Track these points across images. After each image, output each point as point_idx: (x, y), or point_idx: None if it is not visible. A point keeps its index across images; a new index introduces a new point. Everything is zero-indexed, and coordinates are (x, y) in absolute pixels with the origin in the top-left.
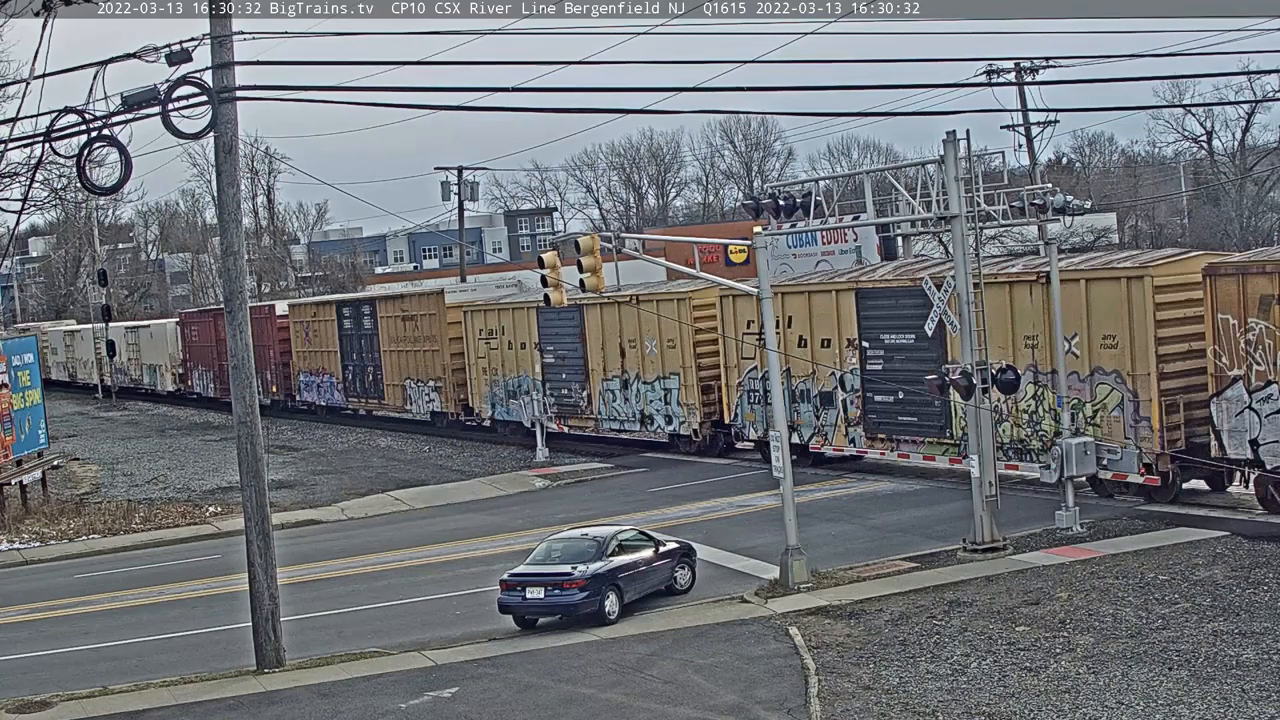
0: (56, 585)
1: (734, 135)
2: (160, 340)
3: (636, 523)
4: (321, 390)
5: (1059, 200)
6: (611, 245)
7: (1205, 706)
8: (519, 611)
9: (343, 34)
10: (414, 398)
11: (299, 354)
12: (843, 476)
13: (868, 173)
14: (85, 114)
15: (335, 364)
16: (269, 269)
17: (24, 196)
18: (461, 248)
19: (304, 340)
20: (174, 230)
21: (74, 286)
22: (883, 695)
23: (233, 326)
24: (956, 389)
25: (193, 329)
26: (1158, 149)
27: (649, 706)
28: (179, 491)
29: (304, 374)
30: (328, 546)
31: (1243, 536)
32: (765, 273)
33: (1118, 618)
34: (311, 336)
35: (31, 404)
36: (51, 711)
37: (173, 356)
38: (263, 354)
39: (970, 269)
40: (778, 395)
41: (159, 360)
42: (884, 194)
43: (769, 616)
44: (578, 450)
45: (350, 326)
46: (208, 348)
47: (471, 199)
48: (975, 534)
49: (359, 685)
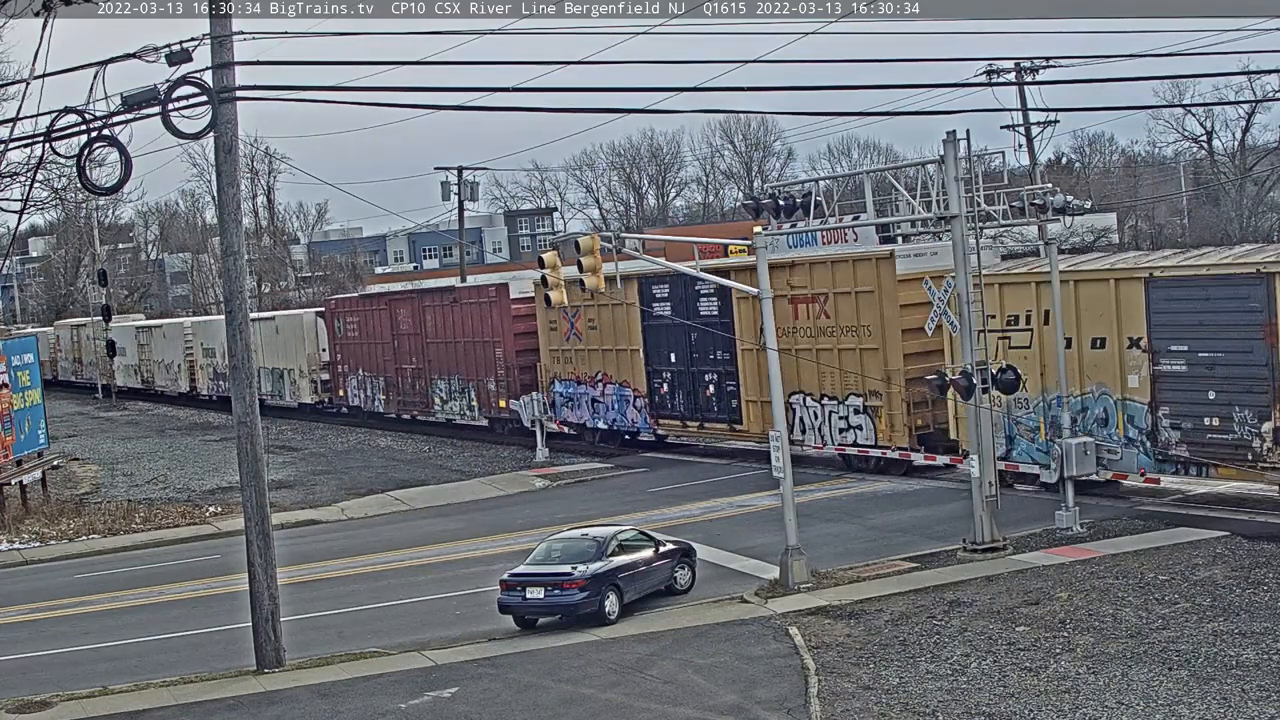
0: (56, 585)
1: (734, 135)
2: (292, 336)
3: (636, 523)
4: (606, 410)
5: (1059, 200)
6: (611, 245)
7: (1205, 706)
8: (519, 611)
9: (343, 34)
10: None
11: (553, 354)
12: (843, 476)
13: (868, 173)
14: (85, 114)
15: (637, 369)
16: (269, 269)
17: (24, 196)
18: (461, 248)
19: (566, 332)
20: (174, 230)
21: (74, 286)
22: (883, 695)
23: (232, 327)
24: (956, 389)
25: (348, 320)
26: (1158, 149)
27: (649, 706)
28: (179, 491)
29: (562, 383)
30: (328, 546)
31: (1243, 536)
32: (765, 273)
33: (1118, 618)
34: (582, 326)
35: (31, 404)
36: (51, 711)
37: (311, 358)
38: (481, 353)
39: (970, 269)
40: (777, 395)
41: (288, 362)
42: (884, 194)
43: (769, 616)
44: (579, 450)
45: (672, 309)
46: (377, 345)
47: (471, 199)
48: (975, 534)
49: (359, 685)
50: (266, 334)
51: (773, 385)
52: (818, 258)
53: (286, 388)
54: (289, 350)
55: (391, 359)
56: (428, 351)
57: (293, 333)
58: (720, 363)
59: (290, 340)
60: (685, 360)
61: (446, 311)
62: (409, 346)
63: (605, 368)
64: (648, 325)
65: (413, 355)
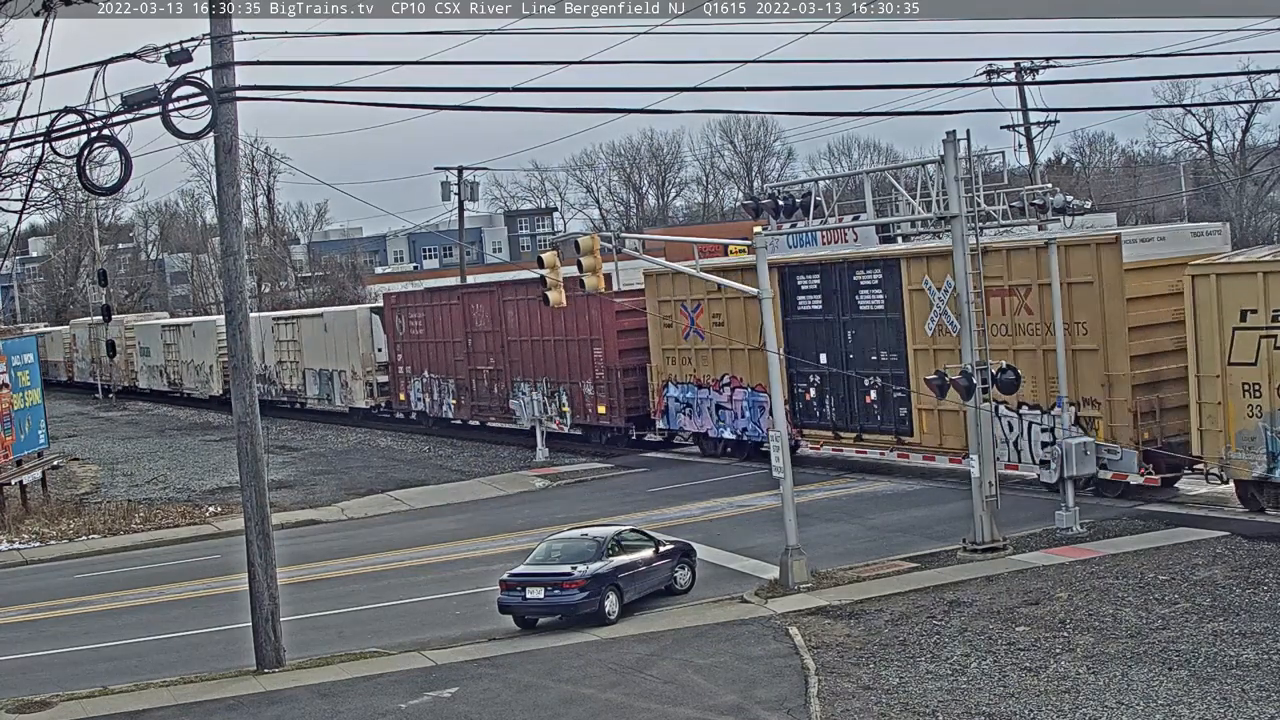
0: (56, 585)
1: (734, 135)
2: (344, 335)
3: (636, 523)
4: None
5: (1059, 200)
6: (611, 245)
7: (1205, 706)
8: (519, 611)
9: (343, 34)
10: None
11: (667, 354)
12: (842, 476)
13: (868, 173)
14: (85, 114)
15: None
16: (269, 269)
17: (24, 196)
18: (461, 248)
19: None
20: (174, 230)
21: (74, 286)
22: (883, 695)
23: (232, 327)
24: (956, 389)
25: (411, 317)
26: (1158, 149)
27: (649, 706)
28: (179, 491)
29: (678, 386)
30: (328, 546)
31: (1243, 536)
32: (765, 273)
33: (1118, 618)
34: (705, 322)
35: (31, 404)
36: (51, 711)
37: (366, 358)
38: (576, 353)
39: (970, 269)
40: (777, 394)
41: (339, 363)
42: (884, 194)
43: (769, 616)
44: (579, 450)
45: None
46: (446, 344)
47: (471, 199)
48: (975, 534)
49: (359, 685)
50: (312, 332)
51: (773, 385)
52: (1017, 242)
53: (336, 391)
54: (340, 350)
55: (464, 360)
56: (509, 351)
57: (344, 331)
58: (885, 364)
59: (341, 339)
60: (839, 360)
61: (533, 306)
62: (486, 345)
63: (735, 370)
64: (790, 320)
65: (490, 355)
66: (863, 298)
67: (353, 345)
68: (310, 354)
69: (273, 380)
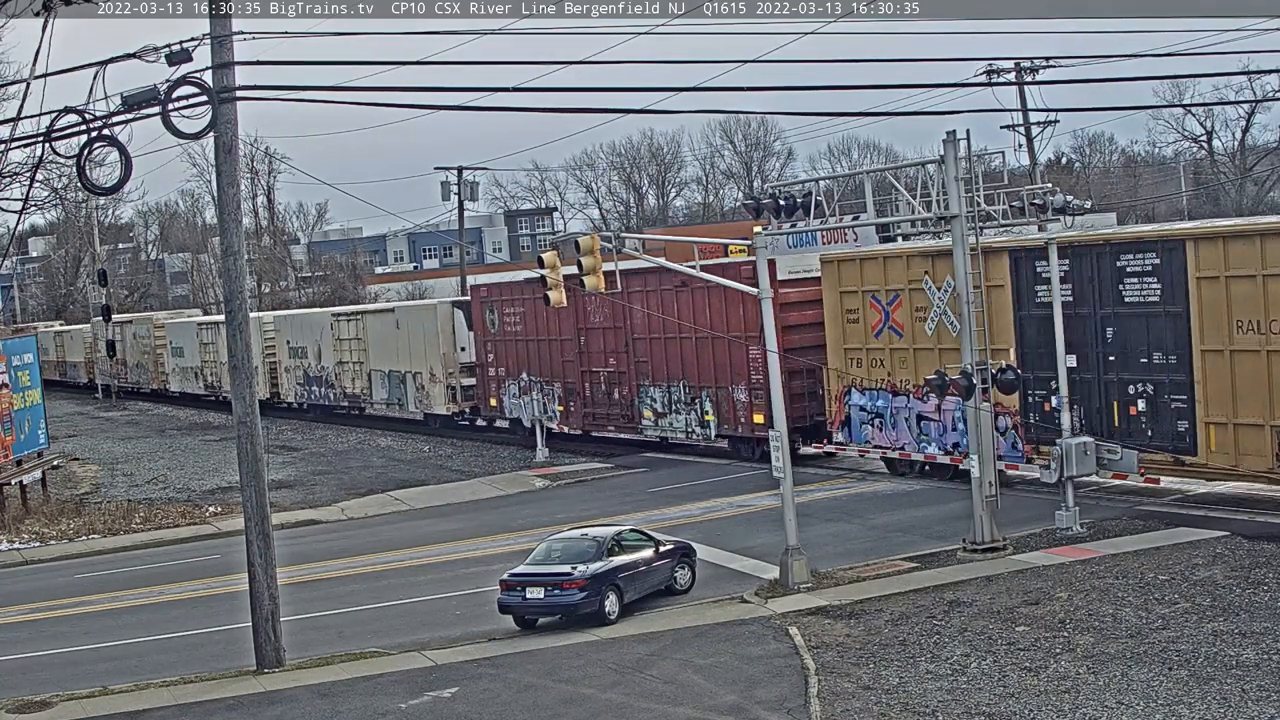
0: (56, 585)
1: (734, 135)
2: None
3: (636, 523)
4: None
5: (1059, 200)
6: (611, 245)
7: (1205, 706)
8: (519, 611)
9: (343, 34)
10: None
11: (851, 354)
12: (843, 476)
13: (868, 173)
14: (85, 114)
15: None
16: (269, 269)
17: (24, 196)
18: (461, 248)
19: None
20: (174, 230)
21: (74, 286)
22: (883, 695)
23: (232, 327)
24: (956, 389)
25: (505, 311)
26: (1158, 149)
27: (649, 706)
28: (179, 491)
29: (864, 393)
30: (328, 546)
31: (1243, 536)
32: (765, 273)
33: (1118, 618)
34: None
35: (31, 404)
36: (51, 711)
37: (447, 358)
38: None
39: (970, 269)
40: (777, 394)
41: (413, 364)
42: (884, 194)
43: (769, 616)
44: (578, 450)
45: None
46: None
47: (471, 199)
48: (975, 534)
49: (359, 685)
50: (380, 330)
51: (773, 385)
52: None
53: (409, 395)
54: (414, 349)
55: (575, 360)
56: (635, 350)
57: (420, 328)
58: (1161, 368)
59: (415, 337)
60: (1093, 363)
61: (668, 298)
62: (603, 344)
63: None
64: (1026, 315)
65: (609, 355)
66: (1130, 288)
67: (431, 344)
68: (377, 354)
69: (331, 383)
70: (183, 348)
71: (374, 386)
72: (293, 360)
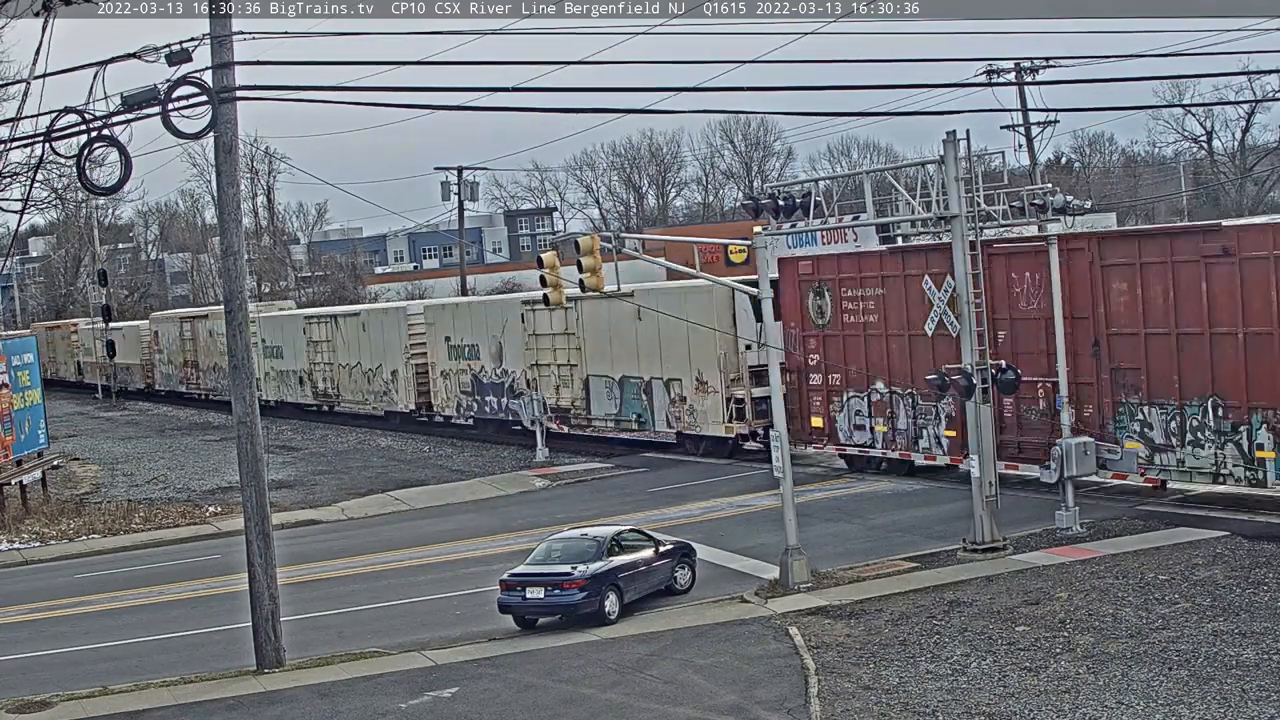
0: (56, 585)
1: (734, 135)
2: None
3: (636, 523)
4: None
5: (1059, 200)
6: (611, 245)
7: (1205, 706)
8: (519, 611)
9: (343, 34)
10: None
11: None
12: (842, 476)
13: (868, 173)
14: (85, 114)
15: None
16: (269, 269)
17: (24, 197)
18: (461, 248)
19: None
20: (174, 230)
21: (74, 286)
22: (883, 695)
23: (232, 327)
24: (955, 389)
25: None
26: (1158, 149)
27: (649, 706)
28: (179, 491)
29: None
30: (328, 546)
31: (1243, 536)
32: (765, 272)
33: (1118, 618)
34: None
35: (31, 404)
36: (51, 711)
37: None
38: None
39: (970, 269)
40: (777, 394)
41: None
42: (884, 194)
43: (769, 616)
44: (579, 450)
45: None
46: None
47: (471, 199)
48: (975, 534)
49: (359, 685)
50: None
51: (773, 385)
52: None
53: (656, 410)
54: (665, 350)
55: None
56: (1112, 351)
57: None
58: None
59: (678, 331)
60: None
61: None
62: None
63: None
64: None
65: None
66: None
67: (697, 344)
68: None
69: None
70: (280, 347)
71: (593, 398)
72: (454, 363)
